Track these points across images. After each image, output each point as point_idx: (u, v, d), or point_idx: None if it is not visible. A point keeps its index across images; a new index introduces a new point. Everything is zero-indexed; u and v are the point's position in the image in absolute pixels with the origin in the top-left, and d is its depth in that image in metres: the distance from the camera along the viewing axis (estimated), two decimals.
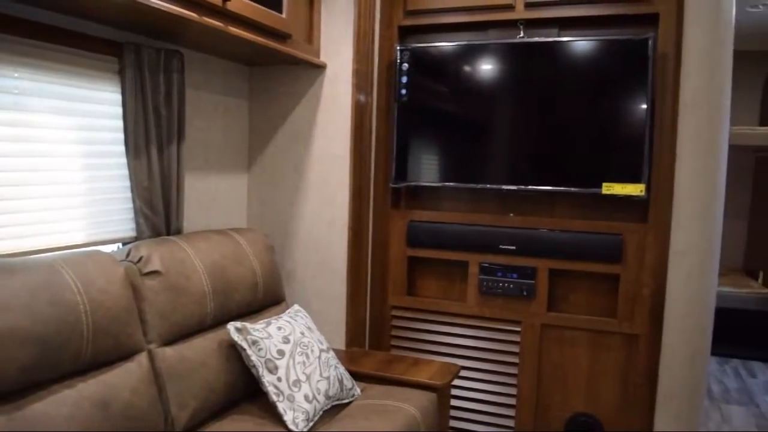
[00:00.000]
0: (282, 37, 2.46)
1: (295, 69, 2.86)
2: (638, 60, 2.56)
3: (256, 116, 2.96)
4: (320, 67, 2.81)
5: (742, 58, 5.34)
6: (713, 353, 4.75)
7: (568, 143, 2.73)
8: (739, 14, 4.40)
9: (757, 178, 5.67)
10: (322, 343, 2.32)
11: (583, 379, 2.81)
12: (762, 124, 5.42)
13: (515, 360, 2.88)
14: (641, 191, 2.56)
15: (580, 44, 2.67)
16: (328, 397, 2.19)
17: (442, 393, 2.51)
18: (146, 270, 1.99)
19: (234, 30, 2.15)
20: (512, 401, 2.90)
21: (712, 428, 3.53)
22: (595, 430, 2.79)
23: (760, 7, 4.33)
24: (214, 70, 2.72)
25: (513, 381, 2.89)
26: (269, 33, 2.37)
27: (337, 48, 2.79)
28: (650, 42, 2.54)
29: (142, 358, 1.90)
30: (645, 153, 2.56)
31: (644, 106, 2.56)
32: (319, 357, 2.24)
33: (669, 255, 2.55)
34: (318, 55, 2.79)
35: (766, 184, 5.40)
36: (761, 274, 5.25)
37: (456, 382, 2.83)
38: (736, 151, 5.32)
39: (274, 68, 2.90)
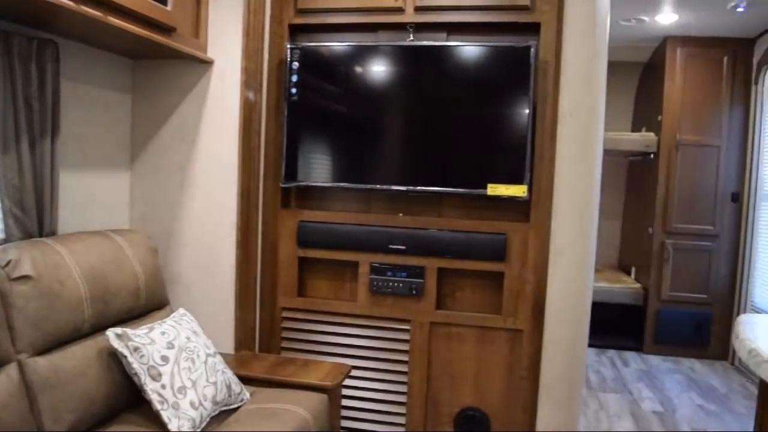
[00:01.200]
0: (166, 30, 2.36)
1: (180, 64, 2.75)
2: (521, 67, 2.66)
3: (140, 112, 2.83)
4: (207, 63, 2.73)
5: (616, 68, 5.70)
6: (591, 345, 5.04)
7: (455, 145, 2.81)
8: (614, 27, 4.71)
9: (630, 180, 6.07)
10: (208, 348, 2.25)
11: (471, 374, 2.89)
12: (634, 130, 5.80)
13: (405, 358, 2.92)
14: (524, 192, 2.68)
15: (467, 49, 2.75)
16: (215, 402, 2.13)
17: (333, 394, 2.50)
18: (15, 275, 1.85)
19: (114, 21, 2.04)
20: (403, 399, 2.94)
21: (590, 416, 3.72)
22: (483, 423, 2.88)
23: (633, 21, 4.63)
24: (95, 61, 2.57)
25: (403, 379, 2.93)
26: (153, 25, 2.26)
27: (225, 44, 2.72)
28: (532, 50, 2.65)
29: (11, 370, 1.77)
30: (527, 156, 2.67)
31: (527, 111, 2.67)
32: (206, 362, 2.17)
33: (549, 253, 2.67)
34: (205, 50, 2.70)
35: (637, 186, 5.78)
36: (633, 270, 5.61)
37: (347, 382, 2.83)
38: (610, 155, 5.67)
39: (159, 62, 2.78)
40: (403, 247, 2.86)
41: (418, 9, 2.83)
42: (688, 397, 4.14)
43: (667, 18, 4.50)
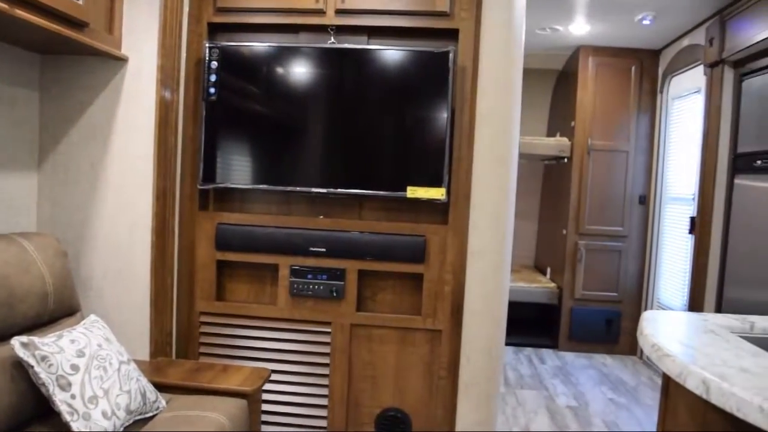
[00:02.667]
0: (78, 25, 2.26)
1: (93, 60, 2.65)
2: (440, 72, 2.71)
3: (49, 110, 2.70)
4: (122, 60, 2.64)
5: (532, 75, 5.89)
6: (509, 343, 5.19)
7: (375, 148, 2.83)
8: (530, 36, 4.86)
9: (545, 184, 6.27)
10: (122, 355, 2.18)
11: (392, 375, 2.91)
12: (549, 135, 6.00)
13: (326, 361, 2.92)
14: (442, 195, 2.73)
15: (388, 53, 2.77)
16: (129, 411, 2.06)
17: (253, 398, 2.47)
18: None
19: (21, 13, 1.94)
20: (324, 401, 2.93)
21: (509, 412, 3.82)
22: (404, 423, 2.90)
23: (548, 30, 4.79)
24: None
25: (324, 381, 2.93)
26: (63, 19, 2.17)
27: (140, 41, 2.64)
28: (451, 55, 2.70)
29: None
30: (446, 159, 2.72)
31: (445, 115, 2.72)
32: (119, 370, 2.10)
33: (467, 254, 2.73)
34: (119, 46, 2.61)
35: (552, 189, 5.98)
36: (549, 270, 5.80)
37: (268, 386, 2.80)
38: (527, 159, 5.86)
39: (70, 58, 2.67)
40: (324, 250, 2.86)
41: (339, 12, 2.83)
42: (600, 391, 4.31)
43: (579, 28, 4.68)
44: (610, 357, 5.17)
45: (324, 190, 2.82)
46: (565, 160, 5.34)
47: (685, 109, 4.80)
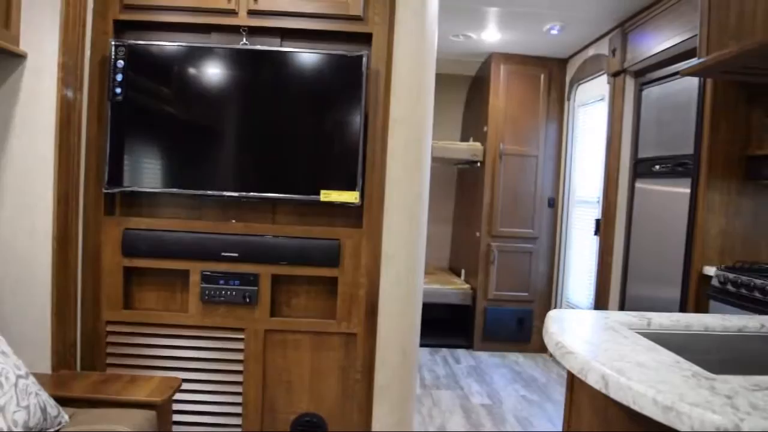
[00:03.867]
0: None
1: None
2: (353, 75, 2.72)
3: None
4: (20, 57, 2.50)
5: (447, 80, 5.99)
6: (425, 345, 5.26)
7: (289, 152, 2.80)
8: (444, 42, 4.95)
9: (459, 187, 6.40)
10: (19, 369, 2.06)
11: (307, 380, 2.89)
12: (463, 140, 6.13)
13: (240, 368, 2.86)
14: (356, 198, 2.73)
15: (301, 56, 2.75)
16: (28, 428, 1.95)
17: (162, 409, 2.39)
18: None
19: None
20: (238, 409, 2.87)
21: (425, 413, 3.86)
22: (320, 428, 2.89)
23: (461, 36, 4.89)
24: None
25: (238, 389, 2.87)
26: None
27: (40, 37, 2.51)
28: (364, 59, 2.71)
29: None
30: (359, 163, 2.73)
31: (359, 119, 2.72)
32: (16, 384, 1.98)
33: (381, 257, 2.75)
34: (17, 42, 2.47)
35: (466, 192, 6.11)
36: (463, 272, 5.92)
37: (179, 396, 2.72)
38: (441, 163, 5.95)
39: None
40: (236, 255, 2.80)
41: (252, 13, 2.79)
42: (513, 388, 4.42)
43: (491, 36, 4.81)
44: (523, 355, 5.33)
45: (236, 194, 2.77)
46: (478, 164, 5.46)
47: (590, 116, 5.01)
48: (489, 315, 5.38)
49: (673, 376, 1.05)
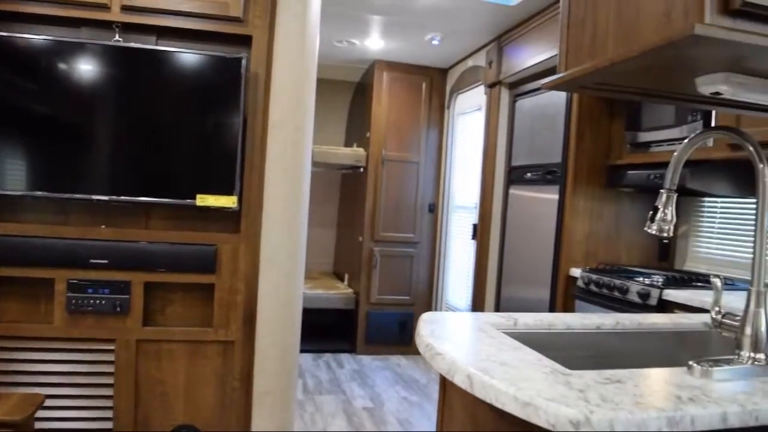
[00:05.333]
0: None
1: None
2: (232, 77, 2.67)
3: None
4: None
5: (331, 86, 6.02)
6: (308, 350, 5.23)
7: (164, 154, 2.70)
8: (328, 47, 4.96)
9: (343, 192, 6.43)
10: None
11: (183, 390, 2.80)
12: (347, 145, 6.16)
13: (110, 381, 2.72)
14: (233, 203, 2.68)
15: (178, 56, 2.67)
16: None
17: (23, 428, 2.22)
18: None
19: None
20: (109, 425, 2.73)
21: (307, 419, 3.83)
22: None
23: (345, 43, 4.91)
24: None
25: (108, 403, 2.73)
26: None
27: None
28: (243, 61, 2.67)
29: None
30: (237, 167, 2.68)
31: (237, 122, 2.67)
32: None
33: (260, 263, 2.71)
34: None
35: (349, 197, 6.14)
36: (346, 276, 5.95)
37: (43, 413, 2.55)
38: (325, 168, 5.96)
39: None
40: (106, 262, 2.67)
41: (126, 8, 2.67)
42: (394, 390, 4.49)
43: (375, 43, 4.87)
44: (405, 357, 5.42)
45: (107, 198, 2.63)
46: (361, 169, 5.51)
47: (468, 124, 5.20)
48: (371, 319, 5.43)
49: (534, 373, 1.11)
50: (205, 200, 2.66)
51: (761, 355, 1.23)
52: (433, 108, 5.52)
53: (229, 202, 2.67)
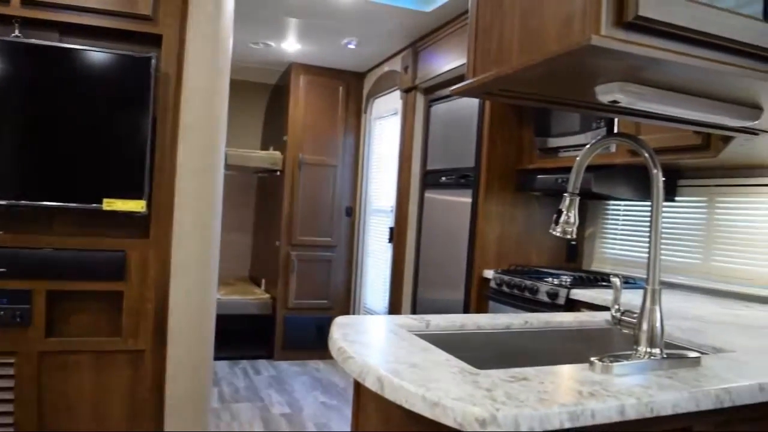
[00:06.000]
0: None
1: None
2: (141, 77, 2.59)
3: None
4: None
5: (248, 88, 5.93)
6: (224, 357, 5.13)
7: (69, 156, 2.59)
8: (243, 48, 4.89)
9: (259, 196, 6.34)
10: None
11: (91, 403, 2.68)
12: (263, 148, 6.08)
13: (10, 396, 2.57)
14: (142, 207, 2.59)
15: (82, 53, 2.56)
16: None
17: None
18: None
19: None
20: None
21: (223, 428, 3.76)
22: None
23: (261, 44, 4.85)
24: None
25: (9, 420, 2.58)
26: None
27: None
28: (153, 61, 2.59)
29: None
30: (146, 170, 2.60)
31: (146, 124, 2.59)
32: None
33: (171, 269, 2.63)
34: None
35: (266, 201, 6.06)
36: (263, 281, 5.87)
37: None
38: (241, 171, 5.87)
39: None
40: (4, 270, 2.52)
41: (26, 3, 2.55)
42: (313, 396, 4.46)
43: (291, 46, 4.84)
44: (323, 362, 5.40)
45: (4, 202, 2.49)
46: (278, 173, 5.46)
47: (385, 129, 5.24)
48: (289, 324, 5.38)
49: (443, 373, 1.13)
50: (112, 204, 2.56)
51: (657, 350, 1.30)
52: (350, 112, 5.54)
53: (137, 206, 2.58)
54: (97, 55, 2.58)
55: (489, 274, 3.29)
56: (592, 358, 1.24)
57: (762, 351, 1.52)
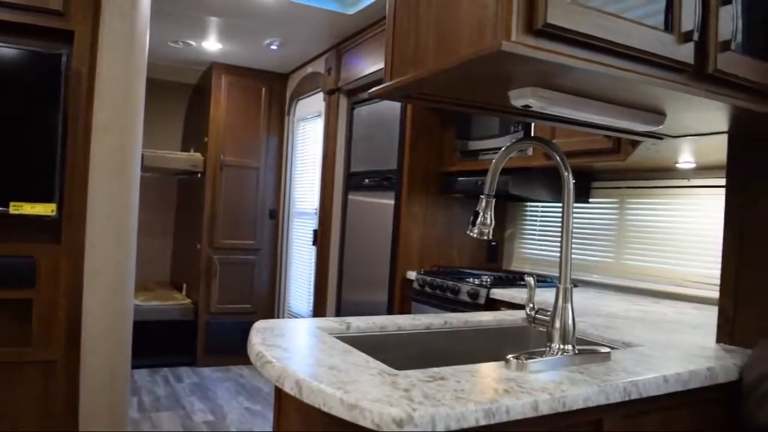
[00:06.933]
0: None
1: None
2: (51, 75, 2.48)
3: None
4: None
5: (167, 87, 5.77)
6: (144, 365, 4.96)
7: None
8: (162, 47, 4.75)
9: (180, 199, 6.17)
10: None
11: None
12: (184, 149, 5.92)
13: None
14: (52, 211, 2.48)
15: None
16: None
17: None
18: None
19: None
20: None
21: None
22: None
23: (180, 43, 4.73)
24: None
25: None
26: None
27: None
28: (63, 58, 2.49)
29: None
30: (57, 172, 2.49)
31: (56, 123, 2.48)
32: None
33: (84, 275, 2.53)
34: None
35: (186, 204, 5.91)
36: (185, 286, 5.71)
37: None
38: (161, 174, 5.71)
39: None
40: None
41: None
42: (237, 402, 4.38)
43: (212, 45, 4.74)
44: (247, 367, 5.30)
45: None
46: (199, 175, 5.34)
47: (309, 130, 5.21)
48: (212, 329, 5.27)
49: (361, 375, 1.13)
50: (19, 208, 2.43)
51: (569, 346, 1.34)
52: (274, 113, 5.48)
53: (46, 209, 2.46)
54: (3, 50, 2.45)
55: (412, 275, 3.33)
56: (508, 356, 1.27)
57: (668, 345, 1.60)
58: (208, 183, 5.21)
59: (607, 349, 1.40)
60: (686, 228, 2.64)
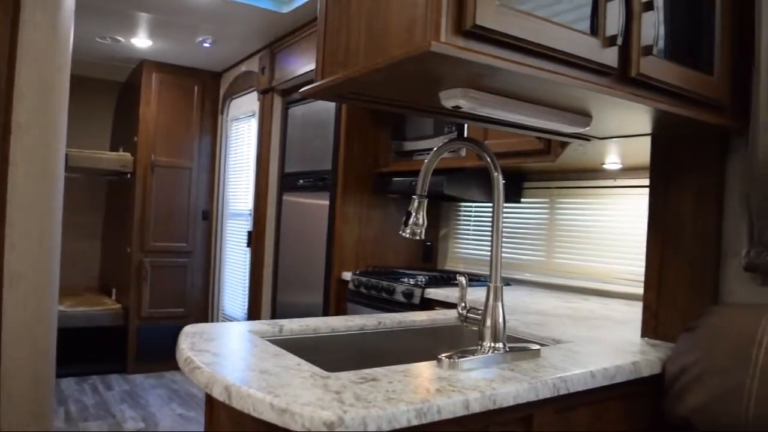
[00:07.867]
0: None
1: None
2: None
3: None
4: None
5: (95, 85, 5.58)
6: (71, 374, 4.77)
7: None
8: (90, 44, 4.59)
9: (109, 200, 5.97)
10: None
11: None
12: (113, 149, 5.73)
13: None
14: None
15: None
16: None
17: None
18: None
19: None
20: None
21: None
22: None
23: (109, 40, 4.58)
24: None
25: None
26: None
27: None
28: None
29: None
30: None
31: None
32: None
33: (3, 281, 2.41)
34: None
35: (116, 206, 5.72)
36: (114, 291, 5.53)
37: None
38: (89, 175, 5.51)
39: None
40: None
41: None
42: (170, 408, 4.27)
43: (142, 42, 4.61)
44: (180, 373, 5.17)
45: None
46: (128, 175, 5.18)
47: (243, 130, 5.13)
48: (143, 334, 5.12)
49: (293, 379, 1.11)
50: None
51: (500, 344, 1.36)
52: (206, 113, 5.38)
53: None
54: None
55: (347, 276, 3.31)
56: (440, 355, 1.27)
57: (595, 341, 1.65)
58: (138, 183, 5.06)
59: (537, 346, 1.42)
60: (613, 227, 2.73)
